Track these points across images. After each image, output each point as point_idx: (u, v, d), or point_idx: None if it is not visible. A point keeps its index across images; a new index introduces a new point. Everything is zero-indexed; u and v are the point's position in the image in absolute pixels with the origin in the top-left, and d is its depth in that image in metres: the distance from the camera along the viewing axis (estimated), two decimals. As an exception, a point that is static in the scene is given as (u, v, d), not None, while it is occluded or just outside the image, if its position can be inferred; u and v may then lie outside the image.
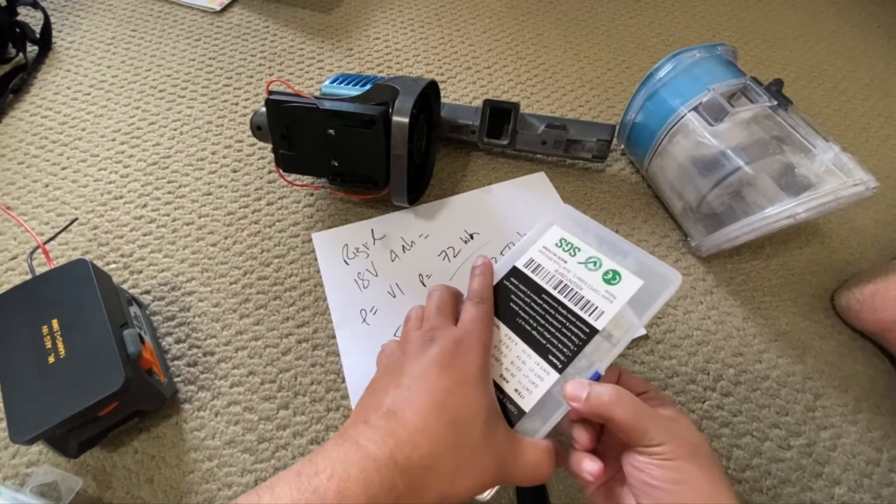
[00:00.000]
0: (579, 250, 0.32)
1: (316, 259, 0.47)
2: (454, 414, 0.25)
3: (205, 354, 0.42)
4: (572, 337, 0.29)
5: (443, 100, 0.54)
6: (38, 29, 0.65)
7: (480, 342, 0.29)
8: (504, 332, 0.31)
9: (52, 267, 0.38)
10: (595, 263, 0.31)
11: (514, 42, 0.69)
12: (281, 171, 0.47)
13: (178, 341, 0.42)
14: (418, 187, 0.51)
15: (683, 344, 0.43)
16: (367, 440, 0.24)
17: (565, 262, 0.32)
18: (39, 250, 0.43)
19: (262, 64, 0.65)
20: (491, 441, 0.26)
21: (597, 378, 0.28)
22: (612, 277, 0.30)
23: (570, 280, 0.31)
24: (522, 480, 0.27)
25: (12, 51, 0.63)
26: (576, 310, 0.30)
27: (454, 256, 0.48)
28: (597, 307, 0.30)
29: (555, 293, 0.31)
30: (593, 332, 0.29)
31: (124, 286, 0.45)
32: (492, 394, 0.27)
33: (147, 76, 0.63)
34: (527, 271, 0.32)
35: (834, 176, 0.39)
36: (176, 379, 0.40)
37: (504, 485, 0.27)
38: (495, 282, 0.33)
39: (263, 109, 0.44)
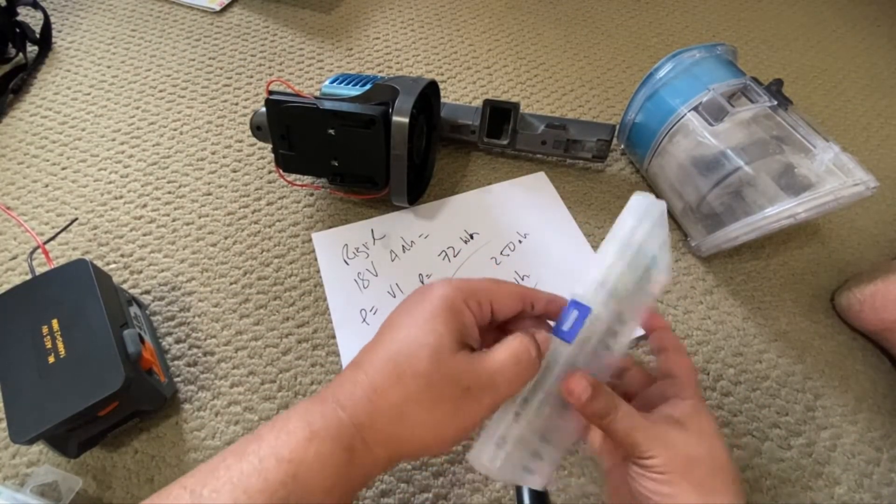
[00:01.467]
0: None
1: (316, 259, 0.47)
2: (396, 346, 0.24)
3: (205, 354, 0.42)
4: None
5: (443, 100, 0.54)
6: (38, 29, 0.65)
7: (456, 281, 0.26)
8: None
9: (52, 267, 0.38)
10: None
11: (514, 42, 0.69)
12: (281, 171, 0.47)
13: (178, 341, 0.42)
14: (418, 187, 0.51)
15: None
16: (321, 390, 0.25)
17: None
18: (39, 250, 0.43)
19: (262, 64, 0.65)
20: (441, 367, 0.23)
21: (584, 311, 0.26)
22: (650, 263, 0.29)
23: None
24: (501, 392, 0.24)
25: (12, 51, 0.63)
26: None
27: (454, 256, 0.48)
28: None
29: None
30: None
31: (124, 286, 0.45)
32: (452, 325, 0.24)
33: (147, 76, 0.63)
34: None
35: (834, 176, 0.39)
36: (176, 379, 0.40)
37: (485, 411, 0.24)
38: None
39: (263, 109, 0.44)
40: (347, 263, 0.47)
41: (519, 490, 0.35)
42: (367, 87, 0.48)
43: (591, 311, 0.26)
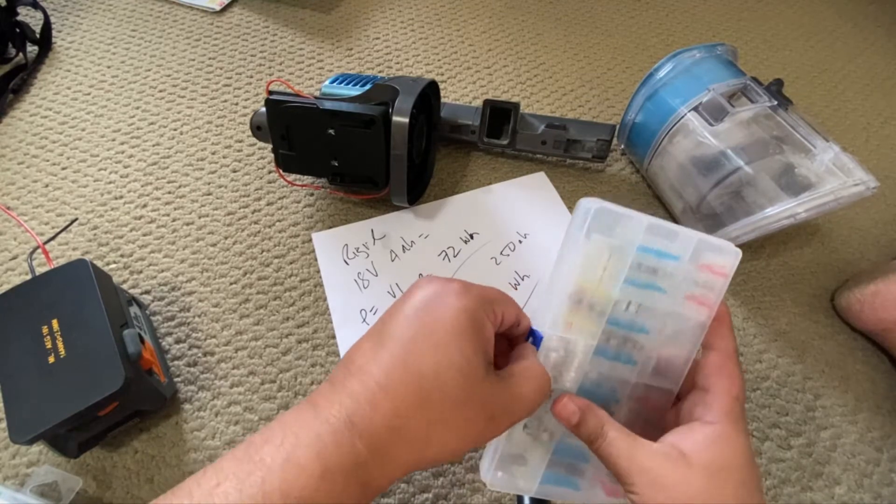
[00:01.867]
0: None
1: (316, 259, 0.47)
2: (419, 366, 0.22)
3: (205, 354, 0.42)
4: None
5: (443, 100, 0.54)
6: (38, 29, 0.65)
7: (474, 291, 0.24)
8: None
9: (52, 267, 0.38)
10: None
11: (514, 42, 0.69)
12: (281, 171, 0.47)
13: (178, 341, 0.42)
14: (418, 187, 0.51)
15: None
16: (325, 401, 0.21)
17: None
18: (39, 250, 0.43)
19: (262, 64, 0.65)
20: (471, 392, 0.22)
21: (538, 339, 0.26)
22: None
23: None
24: (519, 418, 0.24)
25: (12, 51, 0.63)
26: None
27: (454, 256, 0.48)
28: None
29: None
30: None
31: (124, 286, 0.45)
32: (478, 342, 0.23)
33: (147, 76, 0.62)
34: None
35: (834, 176, 0.39)
36: (176, 379, 0.40)
37: (500, 434, 0.24)
38: None
39: (263, 109, 0.44)
40: (347, 263, 0.47)
41: (520, 497, 0.35)
42: (367, 87, 0.48)
43: (542, 338, 0.25)
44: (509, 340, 0.28)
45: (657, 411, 0.27)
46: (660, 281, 0.26)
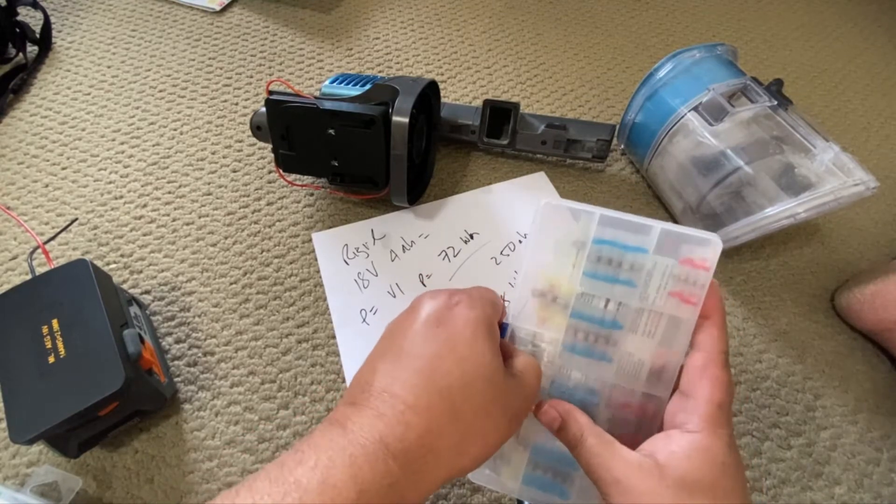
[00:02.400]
0: None
1: (316, 259, 0.47)
2: (447, 381, 0.22)
3: (205, 354, 0.42)
4: None
5: (443, 100, 0.54)
6: (38, 29, 0.65)
7: (477, 297, 0.25)
8: None
9: (52, 267, 0.38)
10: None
11: (514, 42, 0.69)
12: (281, 171, 0.47)
13: (178, 341, 0.42)
14: (418, 187, 0.51)
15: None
16: (354, 424, 0.22)
17: None
18: (39, 250, 0.43)
19: (262, 64, 0.65)
20: (496, 398, 0.23)
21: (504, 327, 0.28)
22: None
23: None
24: (528, 412, 0.25)
25: (12, 51, 0.63)
26: None
27: (454, 256, 0.48)
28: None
29: None
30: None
31: (124, 286, 0.45)
32: (495, 347, 0.24)
33: (147, 76, 0.62)
34: None
35: (834, 176, 0.39)
36: (176, 379, 0.40)
37: (517, 430, 0.25)
38: None
39: (263, 109, 0.44)
40: (347, 263, 0.47)
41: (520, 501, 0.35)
42: (367, 87, 0.48)
43: (507, 326, 0.28)
44: None
45: (654, 420, 0.27)
46: (628, 275, 0.26)
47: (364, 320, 0.44)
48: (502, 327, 0.27)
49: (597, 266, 0.26)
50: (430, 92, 0.49)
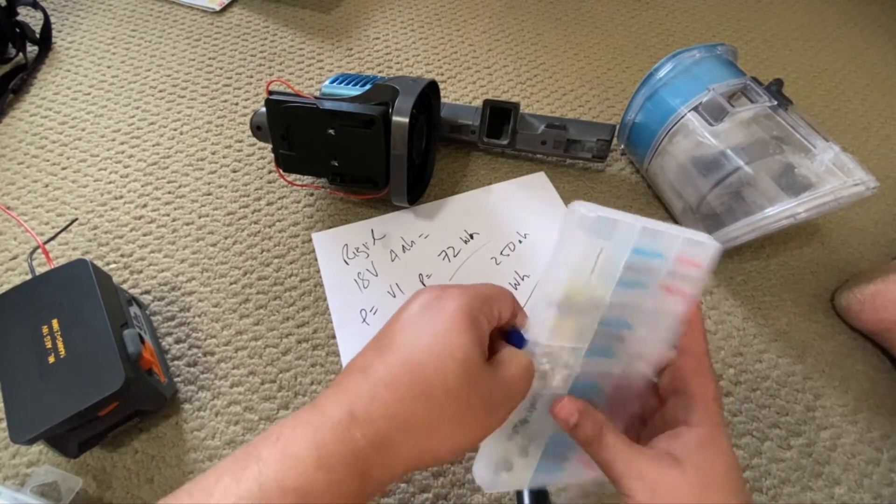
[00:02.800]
0: None
1: (316, 259, 0.47)
2: (420, 357, 0.22)
3: (205, 354, 0.42)
4: None
5: (443, 100, 0.54)
6: (38, 29, 0.65)
7: (470, 291, 0.25)
8: None
9: (52, 267, 0.38)
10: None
11: (514, 42, 0.69)
12: (281, 171, 0.47)
13: (178, 341, 0.42)
14: (418, 187, 0.51)
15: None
16: (326, 399, 0.22)
17: None
18: (39, 250, 0.43)
19: (262, 64, 0.65)
20: (471, 384, 0.22)
21: (519, 339, 0.26)
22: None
23: None
24: (515, 404, 0.24)
25: (12, 51, 0.63)
26: None
27: (454, 256, 0.48)
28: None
29: None
30: None
31: (124, 286, 0.45)
32: (475, 335, 0.23)
33: (147, 76, 0.63)
34: None
35: (834, 176, 0.39)
36: (176, 379, 0.40)
37: (499, 425, 0.24)
38: None
39: (263, 109, 0.44)
40: (347, 263, 0.47)
41: (519, 491, 0.36)
42: (367, 87, 0.48)
43: (527, 342, 0.26)
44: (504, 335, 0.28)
45: (637, 398, 0.28)
46: (644, 277, 0.26)
47: (364, 320, 0.44)
48: (515, 336, 0.26)
49: (628, 274, 0.26)
50: (430, 92, 0.49)
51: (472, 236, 0.49)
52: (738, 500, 0.22)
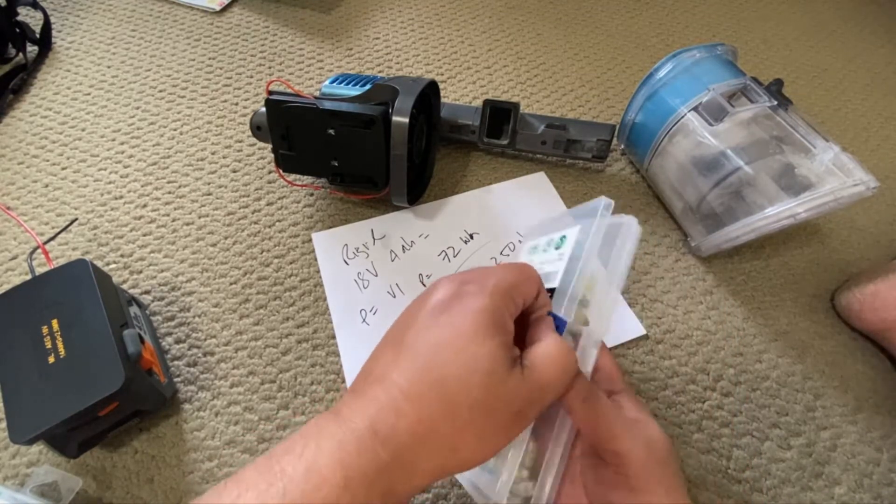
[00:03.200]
0: (548, 244, 0.33)
1: (316, 259, 0.47)
2: (443, 372, 0.21)
3: (205, 354, 0.42)
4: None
5: (443, 100, 0.54)
6: (38, 29, 0.65)
7: (491, 285, 0.23)
8: None
9: (52, 267, 0.38)
10: (551, 243, 0.33)
11: (514, 42, 0.69)
12: (281, 171, 0.47)
13: (178, 341, 0.42)
14: (418, 187, 0.51)
15: (683, 344, 0.43)
16: (347, 409, 0.21)
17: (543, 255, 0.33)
18: (39, 250, 0.43)
19: (262, 64, 0.65)
20: (498, 394, 0.21)
21: (562, 325, 0.26)
22: (559, 242, 0.31)
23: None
24: (547, 403, 0.23)
25: (12, 51, 0.63)
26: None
27: (454, 256, 0.48)
28: (552, 271, 0.29)
29: None
30: (551, 292, 0.28)
31: (124, 286, 0.45)
32: (500, 340, 0.22)
33: (147, 76, 0.63)
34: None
35: (834, 176, 0.39)
36: (176, 379, 0.40)
37: (528, 425, 0.24)
38: None
39: (263, 109, 0.44)
40: (347, 263, 0.47)
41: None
42: (367, 87, 0.48)
43: (566, 324, 0.26)
44: (524, 315, 0.26)
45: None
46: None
47: (364, 320, 0.44)
48: (556, 319, 0.26)
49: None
50: (430, 92, 0.49)
51: (472, 236, 0.49)
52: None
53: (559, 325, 0.25)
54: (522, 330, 0.25)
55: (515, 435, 0.23)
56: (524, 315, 0.26)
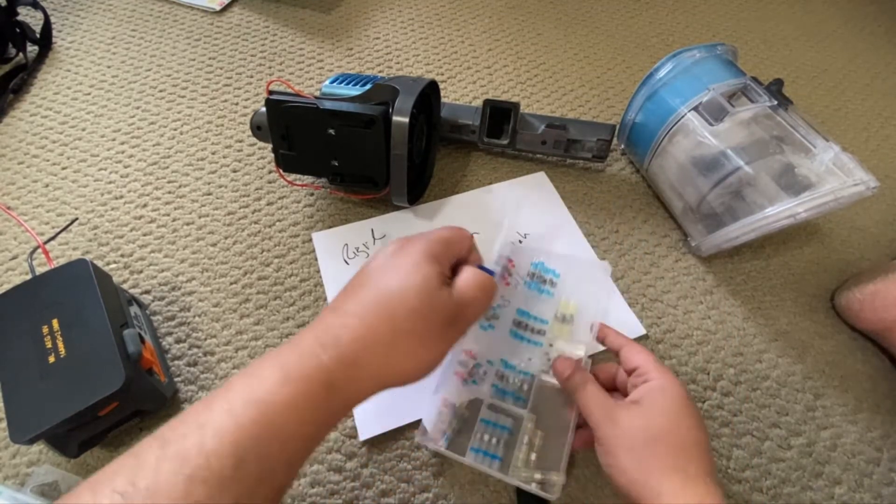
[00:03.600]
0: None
1: (316, 259, 0.47)
2: (387, 290, 0.26)
3: (205, 354, 0.42)
4: None
5: (443, 100, 0.54)
6: (38, 29, 0.65)
7: (429, 236, 0.29)
8: None
9: (53, 267, 0.38)
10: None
11: (514, 42, 0.69)
12: (281, 171, 0.47)
13: (178, 341, 0.42)
14: (418, 187, 0.51)
15: (683, 344, 0.43)
16: (297, 336, 0.25)
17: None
18: (39, 250, 0.43)
19: (262, 64, 0.65)
20: (429, 302, 0.26)
21: (491, 273, 0.31)
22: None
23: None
24: (472, 318, 0.28)
25: (12, 51, 0.63)
26: None
27: (454, 256, 0.48)
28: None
29: None
30: None
31: (124, 286, 0.45)
32: (435, 269, 0.27)
33: (147, 76, 0.63)
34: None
35: (834, 176, 0.39)
36: (176, 379, 0.40)
37: (457, 339, 0.28)
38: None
39: (263, 109, 0.44)
40: (347, 263, 0.47)
41: (519, 493, 0.36)
42: (367, 87, 0.48)
43: (495, 273, 0.33)
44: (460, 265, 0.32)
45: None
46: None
47: (364, 320, 0.43)
48: (487, 270, 0.31)
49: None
50: (430, 92, 0.49)
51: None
52: (695, 427, 0.28)
53: (489, 272, 0.31)
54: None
55: (449, 343, 0.27)
56: (460, 265, 0.30)
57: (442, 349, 0.27)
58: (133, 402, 0.35)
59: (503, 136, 0.53)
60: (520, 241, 0.49)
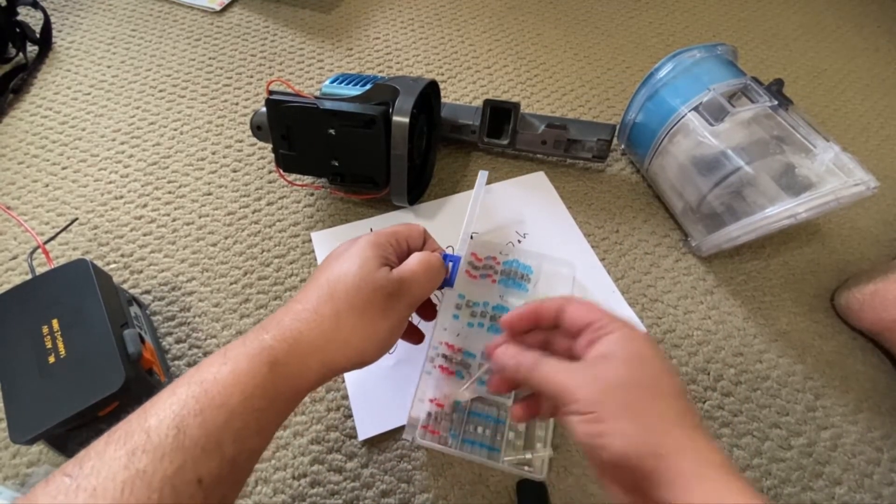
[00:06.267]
0: None
1: (316, 259, 0.47)
2: (328, 275, 0.28)
3: (205, 354, 0.42)
4: None
5: (443, 100, 0.54)
6: (38, 29, 0.65)
7: (378, 231, 0.31)
8: None
9: (53, 267, 0.38)
10: None
11: (514, 42, 0.69)
12: (281, 171, 0.47)
13: (178, 341, 0.42)
14: (418, 187, 0.51)
15: (684, 344, 0.43)
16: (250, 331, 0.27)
17: None
18: (39, 250, 0.43)
19: (262, 64, 0.65)
20: (368, 280, 0.27)
21: (456, 260, 0.34)
22: None
23: None
24: (416, 293, 0.30)
25: (12, 51, 0.63)
26: None
27: (454, 256, 0.48)
28: None
29: None
30: None
31: (124, 286, 0.45)
32: (377, 253, 0.29)
33: (147, 76, 0.62)
34: None
35: (834, 176, 0.39)
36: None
37: (404, 315, 0.29)
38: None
39: (263, 109, 0.44)
40: (347, 263, 0.47)
41: (519, 487, 0.36)
42: (367, 87, 0.48)
43: (458, 259, 0.34)
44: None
45: None
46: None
47: (364, 320, 0.43)
48: (451, 258, 0.33)
49: None
50: (430, 92, 0.49)
51: (471, 236, 0.49)
52: (671, 374, 0.25)
53: (453, 260, 0.33)
54: None
55: (393, 318, 0.28)
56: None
57: (387, 325, 0.28)
58: (133, 402, 0.35)
59: (503, 136, 0.53)
60: (519, 241, 0.49)
